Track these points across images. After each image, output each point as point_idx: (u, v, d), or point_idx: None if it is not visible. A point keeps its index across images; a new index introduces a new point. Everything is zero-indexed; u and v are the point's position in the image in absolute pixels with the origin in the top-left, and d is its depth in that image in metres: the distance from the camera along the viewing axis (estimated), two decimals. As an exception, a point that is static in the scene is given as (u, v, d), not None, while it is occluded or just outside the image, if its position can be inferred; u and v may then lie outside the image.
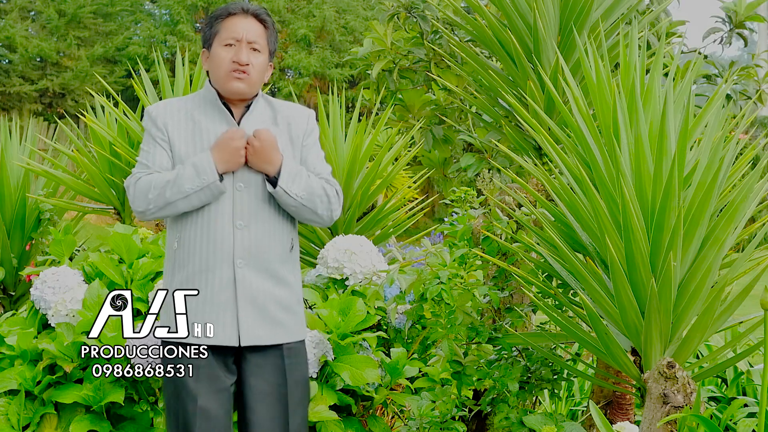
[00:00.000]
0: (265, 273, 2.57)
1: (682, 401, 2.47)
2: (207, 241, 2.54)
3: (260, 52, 2.61)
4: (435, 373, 3.29)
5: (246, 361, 2.58)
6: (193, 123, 2.60)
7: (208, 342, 2.53)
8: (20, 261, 5.29)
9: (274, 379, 2.58)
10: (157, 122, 2.61)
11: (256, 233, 2.57)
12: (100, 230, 6.39)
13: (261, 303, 2.56)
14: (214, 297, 2.54)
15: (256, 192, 2.57)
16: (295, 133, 2.66)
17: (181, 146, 2.58)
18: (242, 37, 2.58)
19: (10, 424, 3.26)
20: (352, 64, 16.33)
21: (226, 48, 2.59)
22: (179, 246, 2.57)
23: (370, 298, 3.64)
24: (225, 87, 2.60)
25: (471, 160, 4.58)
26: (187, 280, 2.55)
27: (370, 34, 5.54)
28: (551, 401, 4.10)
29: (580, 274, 2.73)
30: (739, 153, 2.81)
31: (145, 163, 2.59)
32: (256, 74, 2.60)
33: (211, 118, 2.61)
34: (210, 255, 2.54)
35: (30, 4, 19.55)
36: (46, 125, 16.10)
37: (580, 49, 2.97)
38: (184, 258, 2.56)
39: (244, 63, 2.56)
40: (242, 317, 2.54)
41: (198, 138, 2.59)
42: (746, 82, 5.11)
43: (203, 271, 2.54)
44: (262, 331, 2.56)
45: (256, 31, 2.61)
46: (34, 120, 6.24)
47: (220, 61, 2.59)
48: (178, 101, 2.67)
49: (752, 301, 2.65)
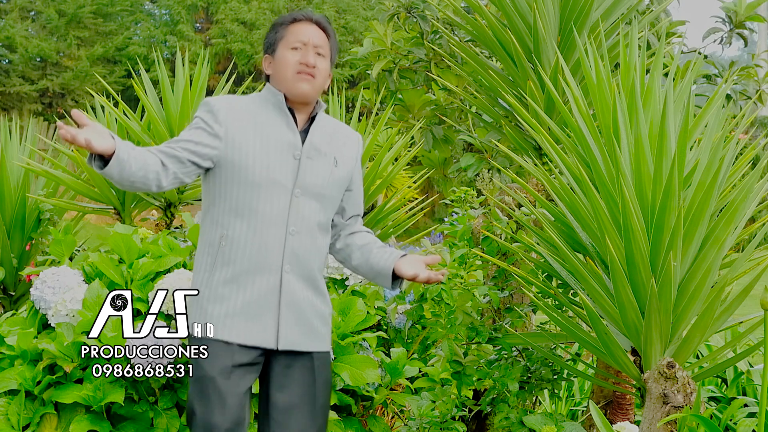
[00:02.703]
0: (307, 281, 2.60)
1: (682, 401, 2.47)
2: (259, 242, 2.55)
3: (325, 57, 2.65)
4: (435, 373, 3.29)
5: (276, 361, 2.60)
6: (255, 125, 2.60)
7: (247, 342, 2.54)
8: (20, 261, 5.30)
9: (304, 379, 2.60)
10: (218, 116, 2.58)
11: (305, 241, 2.59)
12: (100, 230, 6.39)
13: (302, 310, 2.58)
14: (260, 299, 2.55)
15: (310, 201, 2.60)
16: (348, 154, 2.71)
17: (247, 147, 2.56)
18: (309, 41, 2.62)
19: (10, 424, 3.26)
20: (352, 64, 16.33)
21: (293, 51, 2.62)
22: (227, 243, 2.56)
23: (370, 298, 3.64)
24: (292, 88, 2.61)
25: (471, 160, 4.58)
26: (232, 278, 2.55)
27: (370, 34, 5.54)
28: (551, 401, 4.10)
29: (580, 274, 2.73)
30: (739, 153, 2.81)
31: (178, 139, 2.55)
32: (321, 78, 2.64)
33: (274, 121, 2.62)
34: (261, 257, 2.55)
35: (30, 4, 19.56)
36: (46, 125, 16.09)
37: (580, 49, 2.97)
38: (231, 255, 2.55)
39: (311, 64, 2.60)
40: (283, 321, 2.56)
41: (260, 141, 2.58)
42: (746, 82, 5.11)
43: (251, 271, 2.54)
44: (299, 337, 2.58)
45: (321, 37, 2.65)
46: (34, 120, 6.24)
47: (287, 62, 2.61)
48: (241, 101, 2.66)
49: (752, 301, 2.65)
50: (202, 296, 2.59)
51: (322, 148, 2.64)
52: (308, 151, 2.61)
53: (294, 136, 2.62)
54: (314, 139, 2.63)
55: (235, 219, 2.56)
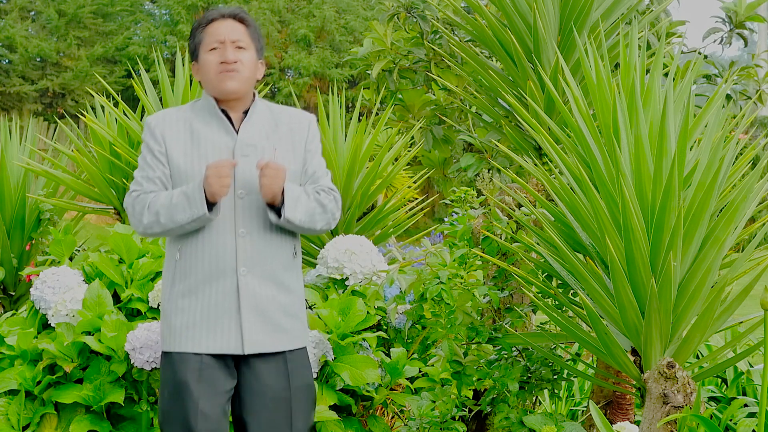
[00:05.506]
0: (269, 280, 2.57)
1: (682, 401, 2.47)
2: (210, 250, 2.54)
3: (246, 49, 2.62)
4: (435, 373, 3.29)
5: (248, 367, 2.58)
6: (191, 133, 2.60)
7: (212, 351, 2.53)
8: (20, 261, 5.29)
9: (277, 384, 2.57)
10: (155, 133, 2.60)
11: (259, 240, 2.56)
12: (100, 230, 6.39)
13: (265, 310, 2.56)
14: (218, 305, 2.53)
15: (257, 199, 2.56)
16: (297, 140, 2.66)
17: (179, 158, 2.58)
18: (225, 38, 2.59)
19: (10, 424, 3.26)
20: (352, 64, 16.32)
21: (212, 52, 2.60)
22: (181, 257, 2.56)
23: (370, 298, 3.64)
24: (218, 88, 2.60)
25: (471, 160, 4.58)
26: (189, 290, 2.55)
27: (370, 34, 5.53)
28: (551, 401, 4.10)
29: (580, 274, 2.73)
30: (739, 153, 2.81)
31: (140, 180, 2.59)
32: (246, 70, 2.61)
33: (209, 126, 2.61)
34: (213, 264, 2.54)
35: (30, 4, 19.54)
36: (46, 125, 16.09)
37: (580, 49, 2.97)
38: (187, 268, 2.56)
39: (231, 60, 2.57)
40: (246, 325, 2.53)
41: (197, 149, 2.58)
42: (746, 82, 5.11)
43: (206, 280, 2.54)
44: (266, 337, 2.56)
45: (238, 30, 2.62)
46: (34, 120, 6.24)
47: (209, 65, 2.60)
48: (177, 111, 2.67)
49: (752, 301, 2.65)
50: (165, 310, 2.60)
51: (258, 142, 2.60)
52: (242, 149, 2.58)
53: (229, 138, 2.59)
54: (246, 135, 2.60)
55: (188, 232, 2.56)
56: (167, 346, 2.59)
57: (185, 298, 2.55)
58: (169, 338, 2.58)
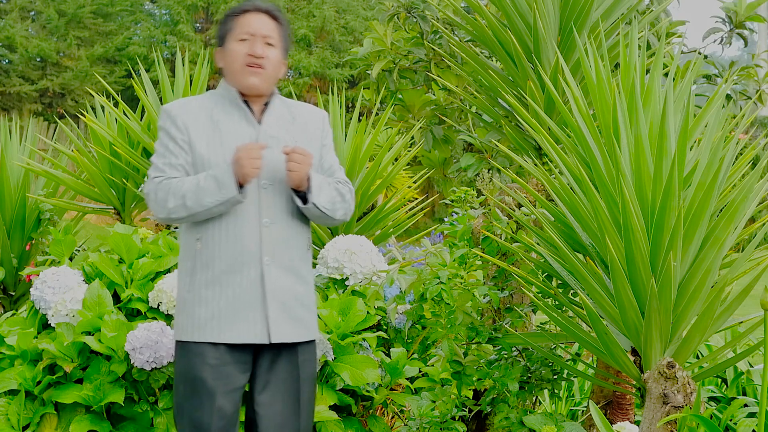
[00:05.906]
0: (289, 270, 2.59)
1: (682, 401, 2.46)
2: (234, 240, 2.55)
3: (274, 46, 2.64)
4: (435, 373, 3.29)
5: (264, 358, 2.60)
6: (213, 123, 2.61)
7: (237, 341, 2.53)
8: (20, 261, 5.29)
9: (288, 375, 2.60)
10: (177, 122, 2.60)
11: (281, 230, 2.59)
12: (100, 230, 6.39)
13: (286, 300, 2.58)
14: (243, 295, 2.54)
15: (280, 189, 2.59)
16: (313, 135, 2.70)
17: (202, 147, 2.58)
18: (256, 31, 2.61)
19: (10, 424, 3.26)
20: (352, 64, 16.32)
21: (241, 43, 2.61)
22: (203, 246, 2.56)
23: (370, 298, 3.64)
24: (240, 81, 2.61)
25: (471, 160, 4.58)
26: (213, 280, 2.55)
27: (370, 34, 5.53)
28: (551, 401, 4.10)
29: (580, 274, 2.73)
30: (739, 153, 2.81)
31: (161, 167, 2.58)
32: (271, 68, 2.63)
33: (231, 117, 2.62)
34: (237, 254, 2.54)
35: (30, 4, 19.55)
36: (46, 125, 16.08)
37: (580, 49, 2.97)
38: (209, 258, 2.55)
39: (259, 55, 2.59)
40: (271, 315, 2.55)
41: (218, 138, 2.59)
42: (746, 82, 5.11)
43: (230, 270, 2.54)
44: (289, 328, 2.58)
45: (270, 27, 2.64)
46: (34, 120, 6.24)
47: (236, 54, 2.61)
48: (196, 100, 2.67)
49: (752, 301, 2.65)
50: (186, 300, 2.59)
51: (279, 134, 2.63)
52: (264, 140, 2.60)
53: (253, 129, 2.62)
54: (268, 127, 2.63)
55: (210, 220, 2.56)
56: (187, 335, 2.57)
57: (209, 288, 2.55)
58: (190, 328, 2.56)
